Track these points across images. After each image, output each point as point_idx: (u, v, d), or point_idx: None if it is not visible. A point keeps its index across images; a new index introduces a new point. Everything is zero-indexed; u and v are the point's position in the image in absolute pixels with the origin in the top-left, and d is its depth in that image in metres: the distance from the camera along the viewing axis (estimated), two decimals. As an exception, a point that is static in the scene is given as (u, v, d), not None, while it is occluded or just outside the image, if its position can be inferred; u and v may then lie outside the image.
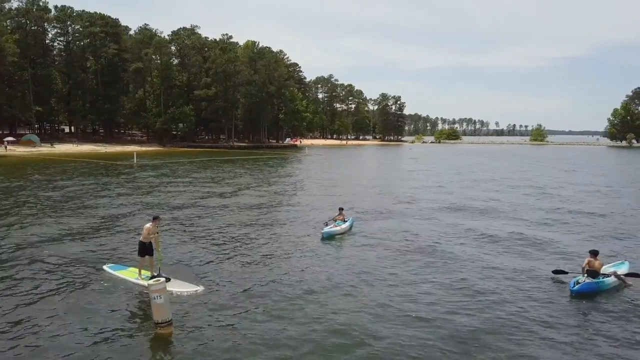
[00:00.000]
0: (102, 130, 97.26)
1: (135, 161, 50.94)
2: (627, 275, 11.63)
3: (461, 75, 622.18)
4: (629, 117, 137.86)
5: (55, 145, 73.16)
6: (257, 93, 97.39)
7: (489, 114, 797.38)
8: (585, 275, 11.30)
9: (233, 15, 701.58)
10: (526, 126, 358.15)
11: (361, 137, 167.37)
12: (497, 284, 11.69)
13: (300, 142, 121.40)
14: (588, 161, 67.15)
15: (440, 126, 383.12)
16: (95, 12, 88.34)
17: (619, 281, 11.55)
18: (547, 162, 65.02)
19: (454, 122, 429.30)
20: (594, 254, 11.66)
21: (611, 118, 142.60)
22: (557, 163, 62.26)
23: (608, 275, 11.51)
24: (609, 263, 12.62)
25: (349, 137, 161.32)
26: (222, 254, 13.87)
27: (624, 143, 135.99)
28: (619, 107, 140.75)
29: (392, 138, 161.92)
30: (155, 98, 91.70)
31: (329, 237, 15.48)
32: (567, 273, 11.76)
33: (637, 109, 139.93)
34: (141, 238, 11.32)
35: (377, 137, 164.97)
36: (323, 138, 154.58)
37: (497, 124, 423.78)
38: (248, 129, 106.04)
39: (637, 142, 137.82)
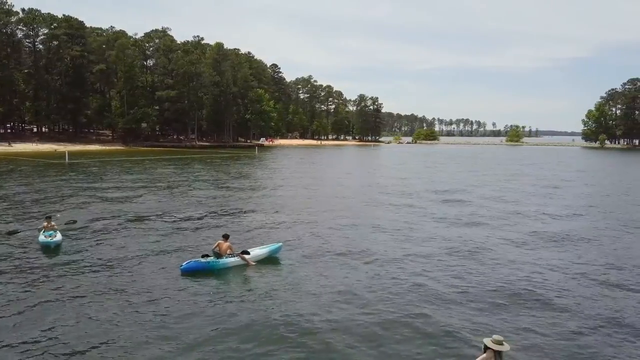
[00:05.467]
0: (71, 129, 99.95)
1: (67, 160, 53.22)
2: (241, 253, 13.63)
3: (462, 75, 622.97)
4: (602, 119, 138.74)
5: (13, 145, 75.88)
6: (221, 94, 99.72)
7: (490, 114, 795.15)
8: (213, 255, 13.36)
9: (233, 16, 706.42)
10: (523, 127, 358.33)
11: (341, 138, 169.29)
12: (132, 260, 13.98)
13: (272, 142, 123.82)
14: (519, 161, 68.42)
15: (437, 127, 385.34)
16: (64, 15, 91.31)
17: (242, 261, 13.56)
18: (479, 162, 66.69)
19: (451, 122, 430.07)
20: (225, 237, 13.68)
21: (585, 119, 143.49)
22: (480, 164, 63.92)
23: (233, 256, 13.53)
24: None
25: (328, 137, 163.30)
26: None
27: (596, 144, 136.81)
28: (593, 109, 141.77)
29: (369, 138, 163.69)
30: (119, 98, 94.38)
31: (47, 247, 15.12)
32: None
33: (611, 110, 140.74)
34: None
35: (356, 137, 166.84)
36: (302, 138, 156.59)
37: (494, 124, 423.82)
38: (214, 129, 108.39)
39: (610, 143, 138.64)
